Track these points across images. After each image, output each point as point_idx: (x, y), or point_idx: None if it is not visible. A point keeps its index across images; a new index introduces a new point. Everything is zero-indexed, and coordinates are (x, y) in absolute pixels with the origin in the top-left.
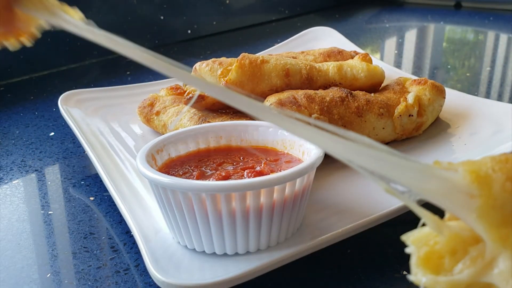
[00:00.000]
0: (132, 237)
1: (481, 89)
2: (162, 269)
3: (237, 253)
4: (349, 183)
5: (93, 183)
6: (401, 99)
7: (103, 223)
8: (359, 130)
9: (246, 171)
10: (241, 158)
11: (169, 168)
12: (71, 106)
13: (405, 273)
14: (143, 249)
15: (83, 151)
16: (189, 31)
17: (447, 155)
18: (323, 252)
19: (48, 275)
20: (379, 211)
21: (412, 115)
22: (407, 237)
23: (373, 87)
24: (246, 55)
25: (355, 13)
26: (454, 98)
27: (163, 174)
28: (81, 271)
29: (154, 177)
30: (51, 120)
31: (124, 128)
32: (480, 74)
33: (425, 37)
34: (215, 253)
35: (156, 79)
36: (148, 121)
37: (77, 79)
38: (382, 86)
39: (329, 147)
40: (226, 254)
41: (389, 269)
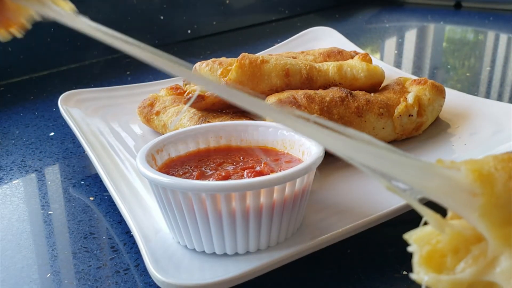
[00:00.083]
0: (132, 237)
1: (481, 89)
2: (162, 269)
3: (237, 253)
4: (349, 183)
5: (93, 183)
6: (401, 99)
7: (103, 223)
8: (359, 130)
9: (246, 171)
10: (241, 158)
11: (169, 168)
12: (71, 106)
13: (405, 273)
14: (143, 249)
15: (83, 151)
16: (189, 31)
17: (447, 155)
18: (323, 252)
19: (48, 275)
20: (379, 211)
21: (412, 115)
22: (409, 236)
23: (373, 87)
24: (246, 55)
25: (355, 13)
26: (454, 98)
27: (163, 174)
28: (81, 271)
29: (154, 177)
30: (51, 120)
31: (124, 128)
32: (480, 74)
33: (425, 37)
34: (215, 253)
35: (156, 79)
36: (148, 121)
37: (77, 79)
38: (382, 86)
39: (331, 144)
40: (226, 254)
41: (389, 269)
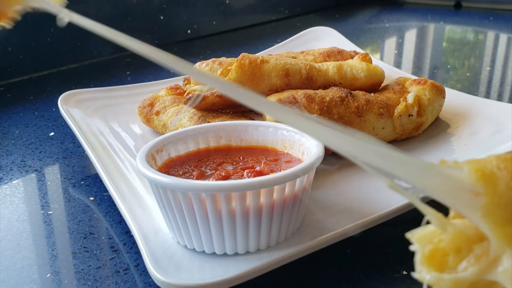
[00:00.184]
0: (132, 237)
1: (481, 89)
2: (162, 269)
3: (237, 253)
4: (349, 183)
5: (93, 183)
6: (401, 99)
7: (103, 223)
8: (359, 130)
9: (246, 171)
10: (241, 158)
11: (169, 168)
12: (71, 106)
13: (405, 273)
14: (143, 249)
15: (83, 151)
16: (189, 31)
17: (447, 155)
18: (323, 252)
19: (48, 275)
20: (379, 211)
21: (412, 115)
22: (411, 235)
23: (373, 87)
24: (246, 55)
25: (355, 13)
26: (454, 98)
27: (163, 174)
28: (81, 271)
29: (154, 177)
30: (51, 120)
31: (124, 128)
32: (480, 74)
33: (425, 37)
34: (215, 253)
35: (156, 79)
36: (148, 121)
37: (77, 79)
38: (382, 86)
39: (334, 143)
40: (226, 254)
41: (389, 269)
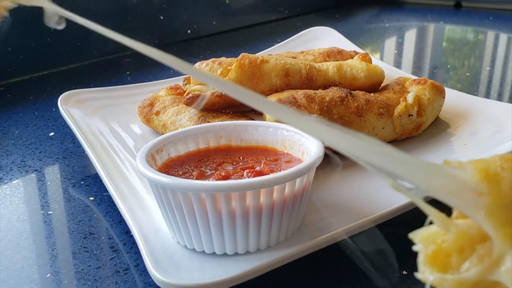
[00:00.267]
0: (132, 237)
1: (481, 89)
2: (162, 269)
3: (237, 253)
4: (349, 183)
5: (93, 183)
6: (401, 99)
7: (103, 223)
8: (359, 130)
9: (245, 171)
10: (241, 158)
11: (169, 168)
12: (71, 106)
13: (405, 273)
14: (143, 249)
15: (83, 151)
16: (189, 31)
17: (447, 155)
18: (323, 252)
19: (48, 275)
20: (379, 211)
21: (411, 115)
22: (414, 235)
23: (373, 87)
24: (245, 55)
25: (355, 13)
26: (454, 98)
27: (163, 174)
28: (81, 271)
29: (153, 177)
30: (51, 120)
31: (124, 128)
32: (480, 74)
33: (425, 37)
34: (215, 253)
35: (156, 79)
36: (148, 121)
37: (77, 79)
38: (381, 86)
39: (337, 142)
40: (226, 254)
41: (389, 269)
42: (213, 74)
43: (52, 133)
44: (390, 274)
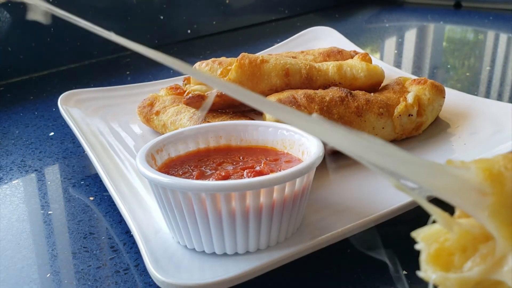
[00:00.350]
0: (132, 237)
1: (481, 89)
2: (162, 269)
3: (237, 253)
4: (349, 182)
5: (92, 183)
6: (401, 99)
7: (103, 223)
8: (359, 130)
9: (245, 171)
10: (241, 158)
11: (168, 168)
12: (71, 106)
13: (405, 272)
14: (143, 249)
15: (82, 151)
16: (189, 31)
17: (447, 154)
18: (323, 252)
19: (48, 275)
20: (379, 211)
21: (411, 115)
22: (417, 234)
23: (373, 87)
24: (245, 55)
25: (355, 13)
26: (454, 97)
27: (163, 174)
28: (81, 271)
29: (153, 177)
30: (51, 120)
31: (124, 128)
32: (480, 73)
33: (425, 36)
34: (215, 253)
35: (156, 79)
36: (148, 121)
37: (77, 79)
38: (381, 85)
39: (340, 142)
40: (226, 254)
41: (389, 269)
42: (213, 74)
43: (52, 133)
44: (390, 274)
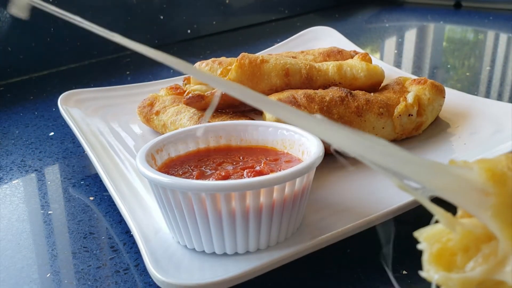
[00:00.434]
0: (132, 237)
1: (481, 89)
2: (162, 269)
3: (237, 253)
4: (349, 182)
5: (92, 183)
6: (401, 99)
7: (103, 223)
8: (359, 129)
9: (245, 170)
10: (241, 157)
11: (168, 168)
12: (71, 106)
13: (405, 272)
14: (143, 249)
15: (82, 151)
16: (189, 31)
17: (447, 154)
18: (323, 252)
19: (48, 275)
20: (379, 210)
21: (411, 115)
22: (419, 234)
23: (373, 87)
24: (245, 55)
25: (355, 13)
26: (454, 97)
27: (163, 174)
28: (81, 271)
29: (153, 177)
30: (51, 120)
31: (124, 128)
32: (480, 73)
33: (425, 36)
34: (215, 253)
35: (156, 79)
36: (148, 121)
37: (77, 79)
38: (381, 85)
39: (342, 142)
40: (225, 254)
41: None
42: (213, 73)
43: (52, 133)
44: (390, 274)
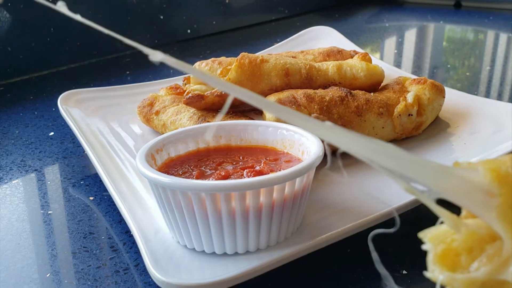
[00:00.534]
0: (131, 236)
1: (481, 89)
2: (162, 269)
3: (237, 253)
4: (349, 183)
5: (92, 183)
6: (401, 99)
7: (103, 223)
8: (359, 129)
9: (245, 170)
10: (241, 157)
11: (168, 167)
12: (71, 106)
13: (405, 272)
14: (142, 249)
15: (82, 151)
16: (189, 31)
17: (447, 154)
18: (323, 252)
19: (48, 275)
20: (379, 210)
21: (411, 115)
22: (424, 234)
23: (373, 87)
24: (245, 55)
25: (355, 13)
26: (453, 97)
27: (163, 173)
28: (81, 271)
29: (153, 177)
30: (51, 120)
31: (123, 128)
32: (480, 73)
33: (425, 36)
34: (214, 253)
35: (155, 79)
36: (147, 120)
37: (77, 79)
38: (381, 85)
39: (347, 145)
40: (225, 253)
41: (389, 269)
42: (213, 73)
43: (52, 133)
44: (390, 274)
